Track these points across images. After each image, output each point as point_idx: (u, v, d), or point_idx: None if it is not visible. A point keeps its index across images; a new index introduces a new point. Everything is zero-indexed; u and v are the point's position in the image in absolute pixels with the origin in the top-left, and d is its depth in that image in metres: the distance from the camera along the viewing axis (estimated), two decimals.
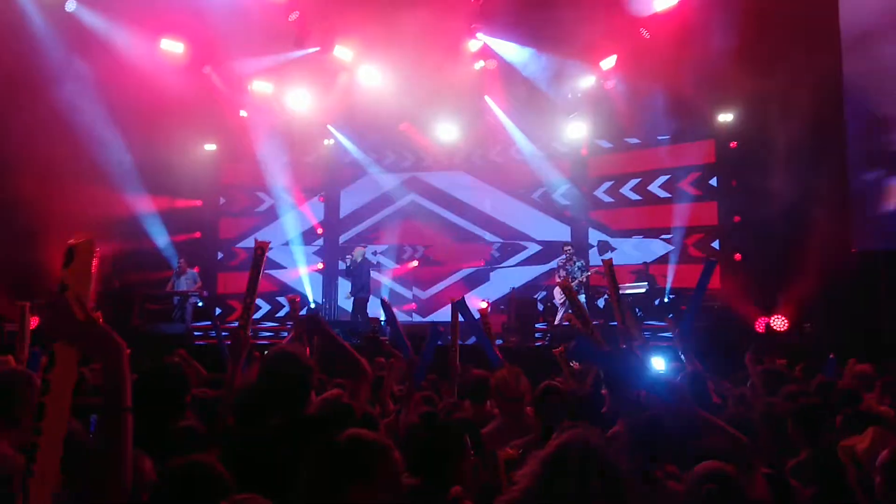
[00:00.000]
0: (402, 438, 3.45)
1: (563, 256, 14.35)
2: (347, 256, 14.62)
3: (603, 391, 4.49)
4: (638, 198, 16.64)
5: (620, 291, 13.44)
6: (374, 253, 15.27)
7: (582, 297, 13.80)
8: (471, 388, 5.20)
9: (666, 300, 14.26)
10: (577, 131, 16.29)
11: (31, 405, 2.93)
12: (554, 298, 14.42)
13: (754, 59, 12.43)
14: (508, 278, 16.52)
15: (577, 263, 14.14)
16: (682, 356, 5.58)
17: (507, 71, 15.54)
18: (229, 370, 3.80)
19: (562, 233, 16.63)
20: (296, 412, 3.19)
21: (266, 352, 3.75)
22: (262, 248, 4.20)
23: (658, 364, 6.20)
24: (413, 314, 16.44)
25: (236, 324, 4.08)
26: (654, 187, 16.48)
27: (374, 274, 15.10)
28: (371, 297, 14.31)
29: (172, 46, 14.83)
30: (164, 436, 3.14)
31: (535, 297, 15.60)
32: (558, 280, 14.08)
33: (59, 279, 2.09)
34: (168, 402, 3.41)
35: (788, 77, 11.92)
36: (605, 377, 4.67)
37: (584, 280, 13.98)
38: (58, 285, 2.09)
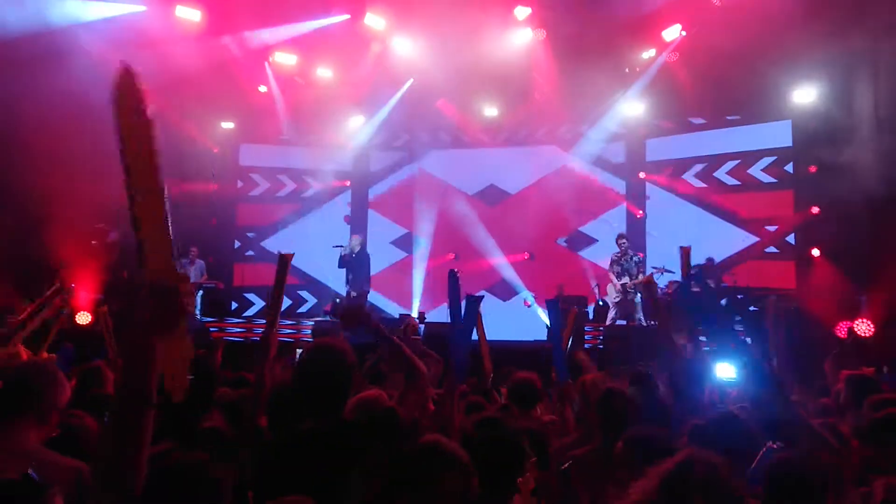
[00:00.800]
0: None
1: (617, 251, 14.16)
2: (338, 246, 14.56)
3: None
4: (702, 184, 16.40)
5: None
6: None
7: (638, 298, 13.68)
8: (519, 392, 5.20)
9: (733, 299, 14.06)
10: (634, 110, 16.08)
11: (54, 399, 3.11)
12: (606, 295, 14.27)
13: (835, 22, 12.14)
14: (554, 273, 16.43)
15: (634, 258, 13.95)
16: (754, 362, 5.45)
17: (558, 41, 15.38)
18: (256, 371, 3.84)
19: (616, 223, 16.45)
20: (333, 415, 3.20)
21: (299, 349, 3.76)
22: (286, 259, 4.31)
23: (726, 370, 6.10)
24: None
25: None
26: (721, 173, 16.23)
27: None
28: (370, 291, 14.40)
29: (188, 14, 14.92)
30: (189, 435, 3.15)
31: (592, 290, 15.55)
32: (612, 276, 13.92)
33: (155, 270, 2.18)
34: (194, 398, 3.37)
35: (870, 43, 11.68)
36: (674, 379, 4.81)
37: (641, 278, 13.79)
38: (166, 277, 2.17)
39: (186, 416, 3.37)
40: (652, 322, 12.73)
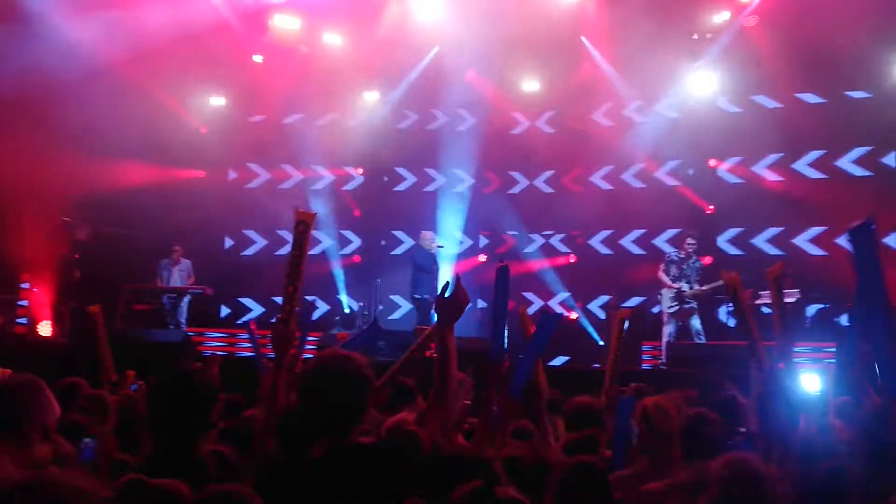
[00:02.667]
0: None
1: (674, 253, 14.00)
2: (441, 246, 14.71)
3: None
4: (778, 178, 16.26)
5: (760, 301, 13.37)
6: (439, 246, 15.17)
7: (696, 324, 13.64)
8: (578, 419, 5.26)
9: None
10: (705, 85, 15.98)
11: (40, 418, 3.22)
12: (660, 305, 14.11)
13: None
14: (604, 280, 16.34)
15: (696, 263, 13.85)
16: (854, 384, 5.40)
17: (613, 3, 15.33)
18: (268, 380, 3.88)
19: (677, 221, 16.37)
20: (344, 438, 3.24)
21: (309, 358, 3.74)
22: (304, 221, 4.26)
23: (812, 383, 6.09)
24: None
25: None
26: (802, 165, 16.11)
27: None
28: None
29: None
30: (190, 460, 3.22)
31: (644, 304, 15.42)
32: (665, 279, 13.82)
33: None
34: (194, 419, 3.49)
35: None
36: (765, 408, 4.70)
37: (701, 286, 13.63)
38: None
39: (183, 438, 3.41)
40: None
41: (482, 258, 17.02)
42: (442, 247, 15.10)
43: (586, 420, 5.26)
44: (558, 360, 14.61)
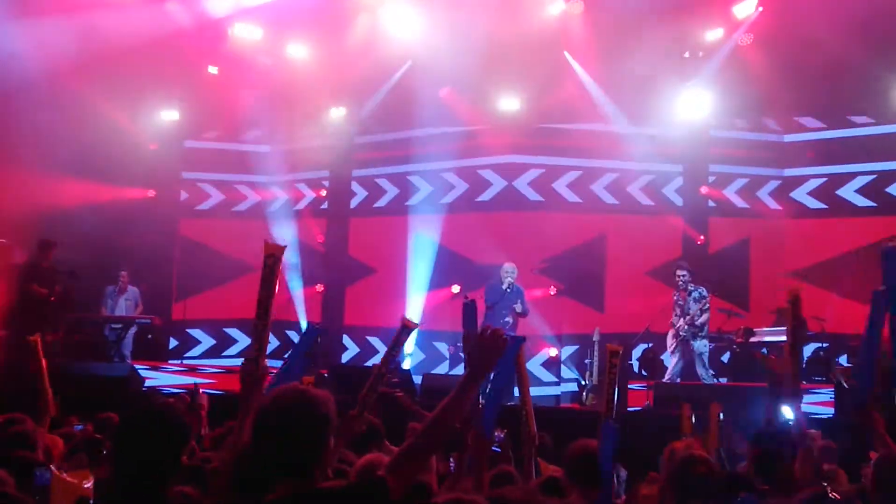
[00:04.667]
0: None
1: (675, 294, 14.11)
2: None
3: None
4: (777, 206, 16.50)
5: (756, 339, 13.50)
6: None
7: (701, 345, 13.71)
8: (578, 467, 5.22)
9: (820, 350, 14.08)
10: (696, 106, 16.20)
11: None
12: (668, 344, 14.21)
13: None
14: (590, 315, 16.39)
15: (694, 293, 13.96)
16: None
17: (599, 17, 15.51)
18: (238, 419, 3.93)
19: (670, 248, 16.51)
20: (308, 480, 3.21)
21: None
22: (274, 255, 4.35)
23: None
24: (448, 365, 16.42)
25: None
26: (801, 194, 16.37)
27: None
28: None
29: None
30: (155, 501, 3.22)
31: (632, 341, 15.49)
32: (673, 324, 13.96)
33: None
34: (164, 458, 3.50)
35: None
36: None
37: (704, 319, 13.75)
38: None
39: (150, 478, 3.43)
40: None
41: (455, 290, 17.02)
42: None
43: (589, 466, 5.15)
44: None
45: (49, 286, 13.64)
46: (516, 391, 6.11)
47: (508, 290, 13.91)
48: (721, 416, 6.37)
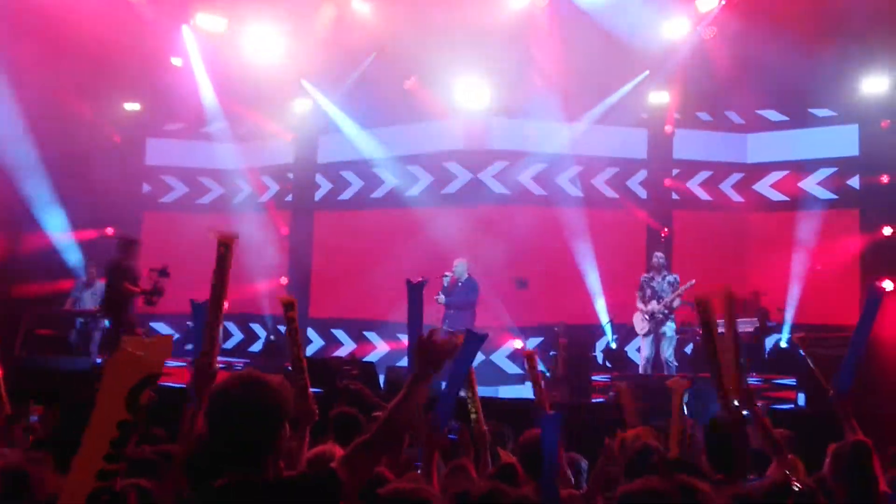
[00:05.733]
0: None
1: (644, 275, 14.42)
2: (446, 275, 14.43)
3: None
4: (741, 199, 16.75)
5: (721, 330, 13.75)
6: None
7: (671, 328, 14.08)
8: (529, 457, 5.31)
9: (784, 343, 14.30)
10: (659, 99, 16.41)
11: None
12: (636, 327, 14.49)
13: None
14: (554, 306, 16.52)
15: (669, 277, 14.27)
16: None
17: (564, 9, 15.61)
18: (187, 415, 3.96)
19: (633, 237, 16.78)
20: (253, 471, 3.18)
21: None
22: (226, 244, 4.32)
23: None
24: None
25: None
26: (764, 186, 16.65)
27: None
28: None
29: None
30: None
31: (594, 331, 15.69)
32: (639, 304, 14.22)
33: None
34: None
35: None
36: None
37: (677, 304, 14.08)
38: None
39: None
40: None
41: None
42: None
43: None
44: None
45: (137, 284, 13.65)
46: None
47: (460, 285, 14.23)
48: (686, 397, 6.41)
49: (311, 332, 17.75)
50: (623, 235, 16.72)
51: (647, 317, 14.15)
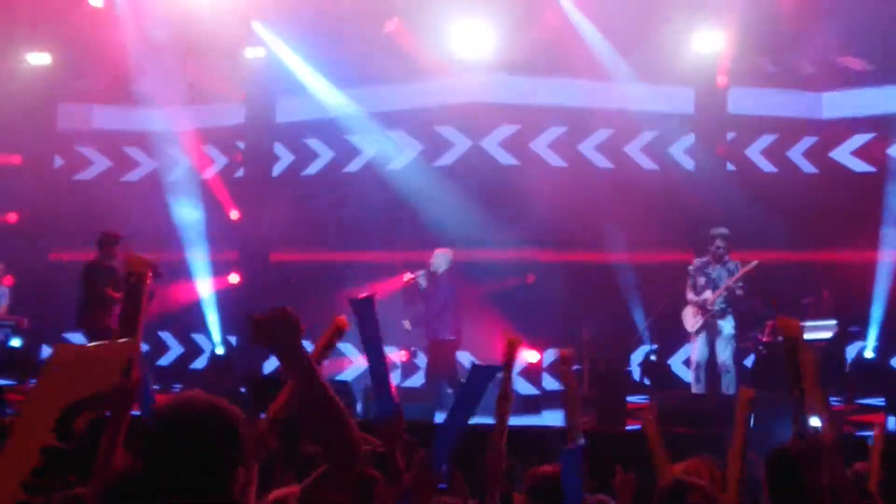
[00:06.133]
0: None
1: (696, 260, 14.23)
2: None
3: None
4: (813, 170, 16.74)
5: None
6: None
7: (729, 325, 13.88)
8: (541, 499, 5.44)
9: (871, 352, 14.27)
10: (708, 44, 16.41)
11: None
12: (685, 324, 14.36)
13: None
14: (576, 308, 16.46)
15: (729, 264, 14.05)
16: None
17: None
18: (102, 447, 3.93)
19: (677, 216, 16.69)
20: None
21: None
22: (139, 275, 4.42)
23: None
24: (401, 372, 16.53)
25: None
26: (843, 154, 16.63)
27: None
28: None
29: None
30: None
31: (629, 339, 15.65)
32: (689, 294, 14.08)
33: None
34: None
35: None
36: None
37: (737, 292, 13.85)
38: None
39: None
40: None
41: (408, 277, 17.06)
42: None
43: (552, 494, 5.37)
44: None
45: (122, 287, 13.57)
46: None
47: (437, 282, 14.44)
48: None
49: None
50: (666, 214, 16.66)
51: (699, 310, 14.00)
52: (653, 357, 15.56)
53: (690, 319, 14.05)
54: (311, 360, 3.59)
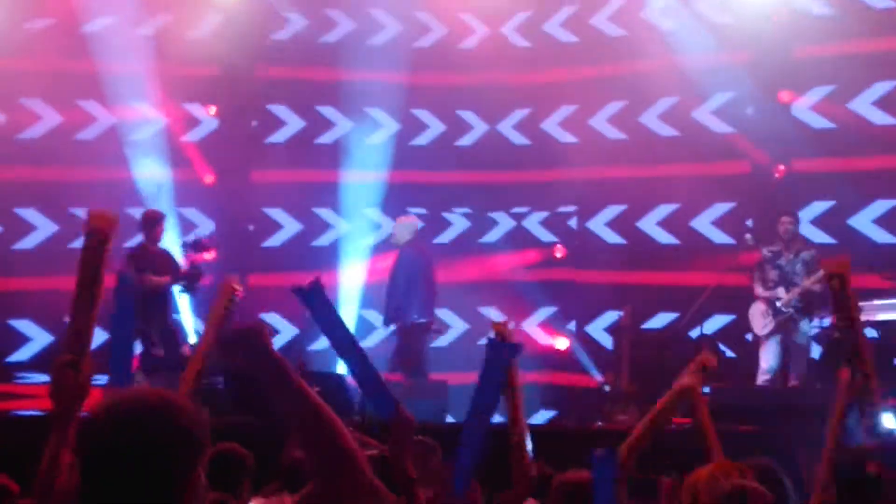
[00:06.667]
0: None
1: (767, 250, 14.26)
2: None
3: None
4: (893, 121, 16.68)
5: (865, 318, 13.67)
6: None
7: (809, 327, 14.02)
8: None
9: None
10: None
11: None
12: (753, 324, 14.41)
13: None
14: (614, 286, 16.61)
15: (804, 254, 14.12)
16: None
17: None
18: (48, 450, 3.93)
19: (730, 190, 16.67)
20: None
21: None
22: (99, 235, 4.41)
23: None
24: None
25: None
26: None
27: None
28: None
29: None
30: None
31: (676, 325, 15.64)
32: (758, 288, 14.12)
33: None
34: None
35: None
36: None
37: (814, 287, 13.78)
38: None
39: None
40: None
41: None
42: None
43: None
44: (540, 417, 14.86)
45: (168, 272, 14.06)
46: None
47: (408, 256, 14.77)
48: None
49: None
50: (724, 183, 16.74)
51: (770, 310, 13.97)
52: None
53: (760, 320, 14.07)
54: (286, 363, 3.61)
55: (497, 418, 5.97)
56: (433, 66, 18.06)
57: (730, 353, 15.80)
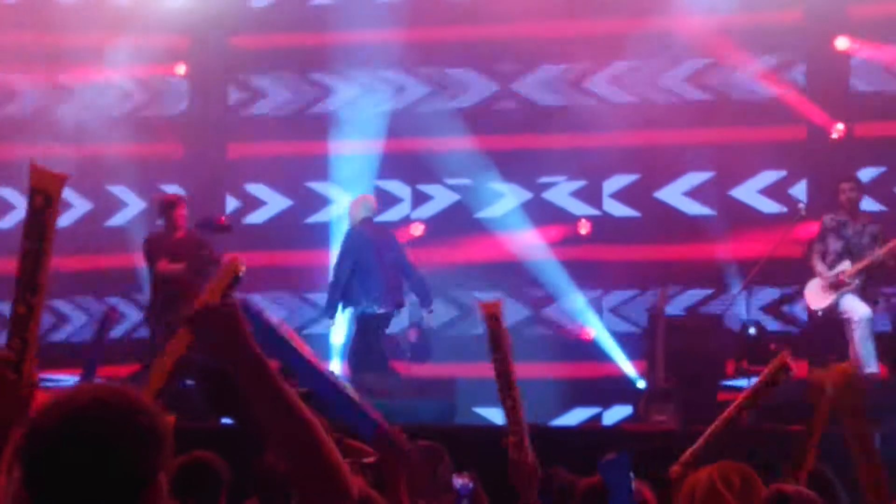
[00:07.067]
0: None
1: (829, 218, 14.22)
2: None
3: None
4: None
5: None
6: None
7: (867, 309, 13.77)
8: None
9: None
10: None
11: None
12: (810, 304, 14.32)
13: None
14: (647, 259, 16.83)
15: (870, 226, 14.09)
16: None
17: None
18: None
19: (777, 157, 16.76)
20: None
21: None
22: (45, 191, 4.22)
23: None
24: (409, 351, 16.46)
25: None
26: None
27: None
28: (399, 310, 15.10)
29: None
30: None
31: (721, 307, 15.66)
32: (816, 263, 14.02)
33: None
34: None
35: None
36: None
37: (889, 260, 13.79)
38: None
39: None
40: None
41: (417, 230, 17.16)
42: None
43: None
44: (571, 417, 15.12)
45: (186, 257, 14.31)
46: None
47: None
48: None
49: None
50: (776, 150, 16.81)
51: (829, 287, 13.90)
52: (751, 331, 15.43)
53: (816, 296, 13.99)
54: (263, 358, 3.57)
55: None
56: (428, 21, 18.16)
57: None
